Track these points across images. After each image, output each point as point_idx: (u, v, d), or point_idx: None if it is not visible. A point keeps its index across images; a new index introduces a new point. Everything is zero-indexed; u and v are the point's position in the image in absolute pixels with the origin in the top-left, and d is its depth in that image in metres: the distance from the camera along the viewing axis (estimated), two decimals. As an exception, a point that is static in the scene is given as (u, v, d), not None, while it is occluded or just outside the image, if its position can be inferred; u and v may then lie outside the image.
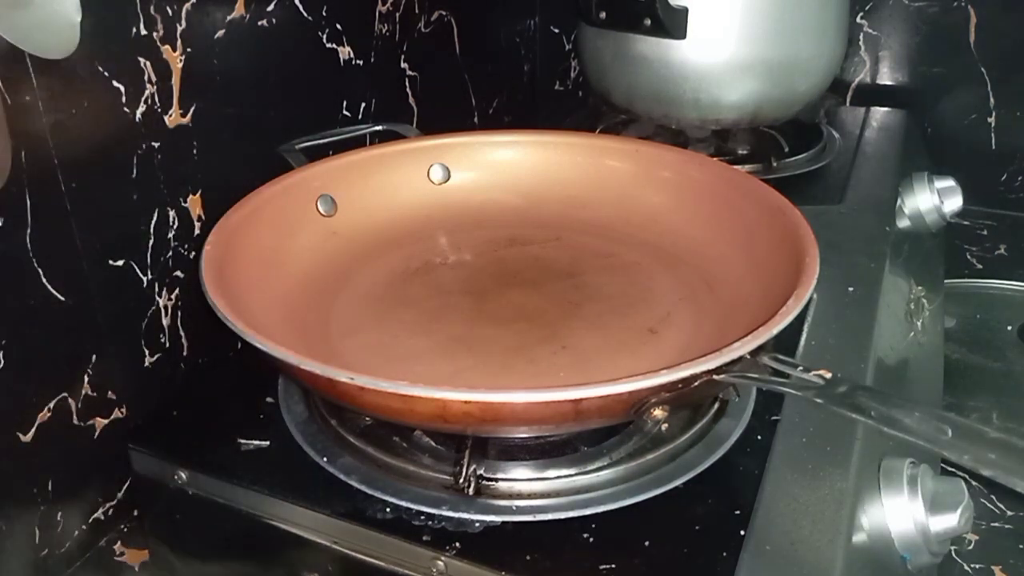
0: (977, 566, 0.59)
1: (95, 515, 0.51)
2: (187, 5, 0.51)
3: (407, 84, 0.76)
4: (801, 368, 0.37)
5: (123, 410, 0.52)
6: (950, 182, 0.76)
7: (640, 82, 0.74)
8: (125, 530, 0.53)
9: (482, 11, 0.89)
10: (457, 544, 0.40)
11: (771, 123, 0.79)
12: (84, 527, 0.51)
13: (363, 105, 0.70)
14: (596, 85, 0.80)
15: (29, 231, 0.44)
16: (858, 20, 0.95)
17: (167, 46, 0.50)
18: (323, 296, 0.53)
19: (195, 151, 0.54)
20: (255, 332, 0.39)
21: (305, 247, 0.55)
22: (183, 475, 0.47)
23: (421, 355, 0.48)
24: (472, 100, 0.90)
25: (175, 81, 0.51)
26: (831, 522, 0.39)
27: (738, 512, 0.41)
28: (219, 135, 0.55)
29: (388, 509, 0.42)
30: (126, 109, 0.48)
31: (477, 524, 0.41)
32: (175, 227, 0.53)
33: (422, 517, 0.42)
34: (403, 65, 0.75)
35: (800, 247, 0.46)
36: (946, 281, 0.82)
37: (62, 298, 0.46)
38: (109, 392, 0.50)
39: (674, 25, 0.70)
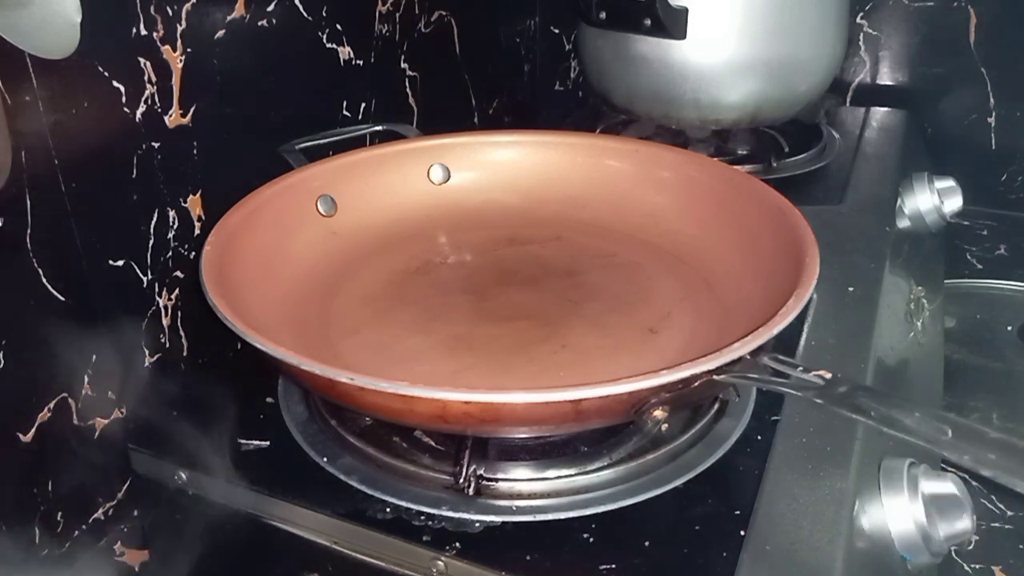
0: (977, 566, 0.59)
1: (95, 515, 0.51)
2: (187, 5, 0.51)
3: (407, 84, 0.76)
4: (801, 368, 0.37)
5: (123, 410, 0.52)
6: (950, 182, 0.76)
7: (640, 82, 0.74)
8: (125, 530, 0.53)
9: (482, 11, 0.89)
10: (457, 544, 0.40)
11: (771, 123, 0.79)
12: (84, 527, 0.51)
13: (363, 105, 0.70)
14: (596, 85, 0.80)
15: (29, 231, 0.44)
16: (858, 20, 0.95)
17: (167, 46, 0.50)
18: (323, 296, 0.53)
19: (195, 151, 0.54)
20: (255, 332, 0.39)
21: (305, 247, 0.55)
22: (183, 475, 0.47)
23: (421, 355, 0.48)
24: (472, 100, 0.90)
25: (175, 81, 0.51)
26: (831, 522, 0.39)
27: (738, 512, 0.41)
28: (219, 135, 0.55)
29: (388, 509, 0.42)
30: (126, 109, 0.48)
31: (477, 524, 0.41)
32: (175, 227, 0.53)
33: (422, 517, 0.42)
34: (403, 65, 0.75)
35: (800, 247, 0.46)
36: (946, 281, 0.82)
37: (62, 298, 0.46)
38: (109, 392, 0.50)
39: (674, 25, 0.70)
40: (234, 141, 0.57)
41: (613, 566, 0.39)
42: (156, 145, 0.51)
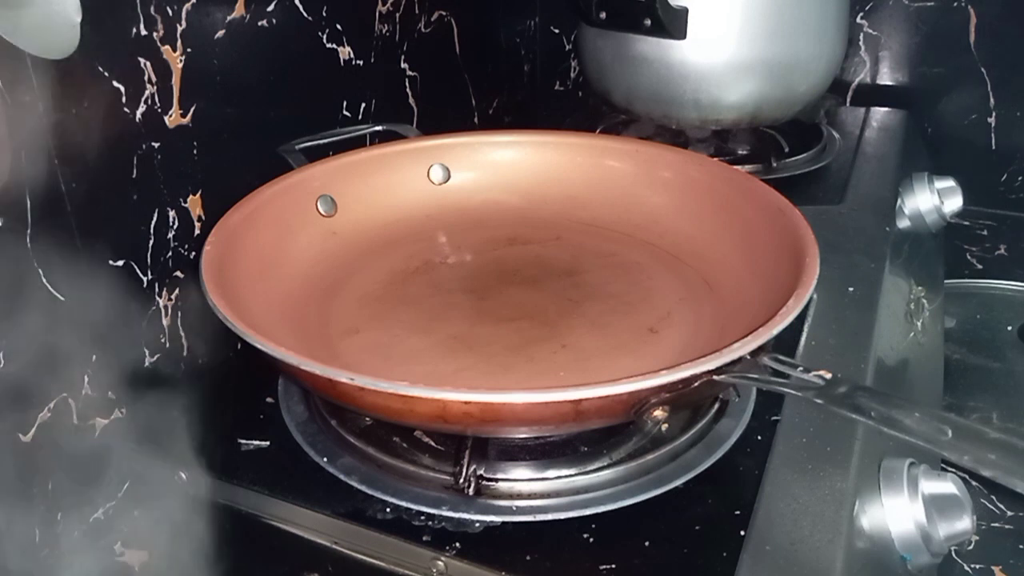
0: (977, 566, 0.59)
1: (95, 515, 0.51)
2: (187, 5, 0.51)
3: (407, 84, 0.76)
4: (801, 368, 0.37)
5: (123, 410, 0.52)
6: (950, 182, 0.76)
7: (640, 82, 0.74)
8: (125, 530, 0.53)
9: (482, 11, 0.89)
10: (457, 544, 0.40)
11: (771, 123, 0.79)
12: (84, 527, 0.51)
13: (363, 105, 0.70)
14: (596, 85, 0.80)
15: (29, 231, 0.44)
16: (858, 20, 0.95)
17: (167, 46, 0.50)
18: (323, 296, 0.53)
19: (195, 151, 0.54)
20: (255, 332, 0.39)
21: (305, 247, 0.55)
22: (183, 475, 0.47)
23: (421, 355, 0.48)
24: (472, 100, 0.90)
25: (175, 81, 0.51)
26: (831, 522, 0.39)
27: (738, 512, 0.41)
28: (219, 135, 0.55)
29: (388, 509, 0.42)
30: (126, 109, 0.48)
31: (477, 524, 0.41)
32: (175, 227, 0.53)
33: (422, 517, 0.42)
34: (403, 65, 0.75)
35: (800, 247, 0.46)
36: (946, 281, 0.82)
37: (62, 298, 0.46)
38: (109, 392, 0.50)
39: (674, 25, 0.70)
40: (234, 141, 0.57)
41: (613, 566, 0.39)
42: (156, 145, 0.51)
